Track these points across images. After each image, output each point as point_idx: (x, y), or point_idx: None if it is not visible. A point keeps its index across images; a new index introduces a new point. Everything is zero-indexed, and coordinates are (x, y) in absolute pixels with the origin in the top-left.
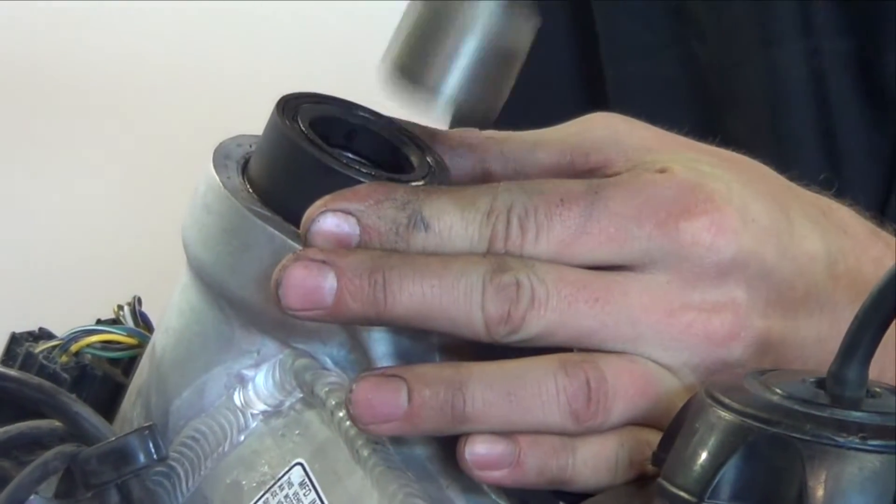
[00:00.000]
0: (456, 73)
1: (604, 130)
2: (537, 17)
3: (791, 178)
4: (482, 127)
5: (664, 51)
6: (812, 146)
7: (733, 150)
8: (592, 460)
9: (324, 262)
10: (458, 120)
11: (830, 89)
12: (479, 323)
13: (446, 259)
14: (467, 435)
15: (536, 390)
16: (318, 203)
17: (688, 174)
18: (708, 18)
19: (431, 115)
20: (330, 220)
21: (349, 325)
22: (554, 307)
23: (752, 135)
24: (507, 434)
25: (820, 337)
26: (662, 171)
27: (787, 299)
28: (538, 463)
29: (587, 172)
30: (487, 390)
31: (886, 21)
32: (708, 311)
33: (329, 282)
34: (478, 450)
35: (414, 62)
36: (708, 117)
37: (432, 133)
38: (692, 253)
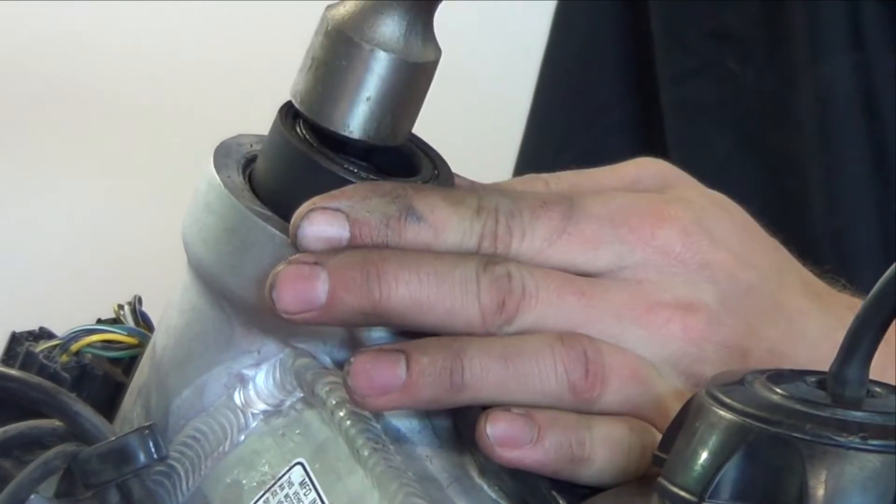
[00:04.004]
0: (360, 110)
1: (654, 180)
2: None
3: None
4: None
5: (700, 73)
6: (862, 164)
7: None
8: (608, 439)
9: (315, 262)
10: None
11: (881, 106)
12: (475, 313)
13: (438, 252)
14: (487, 413)
15: (534, 358)
16: (307, 203)
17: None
18: (753, 38)
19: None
20: (318, 219)
21: (347, 327)
22: (544, 299)
23: (799, 154)
24: (524, 413)
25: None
26: None
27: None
28: (557, 439)
29: None
30: (485, 357)
31: None
32: (683, 309)
33: (322, 280)
34: (499, 426)
35: (320, 102)
36: (749, 137)
37: None
38: (663, 261)
